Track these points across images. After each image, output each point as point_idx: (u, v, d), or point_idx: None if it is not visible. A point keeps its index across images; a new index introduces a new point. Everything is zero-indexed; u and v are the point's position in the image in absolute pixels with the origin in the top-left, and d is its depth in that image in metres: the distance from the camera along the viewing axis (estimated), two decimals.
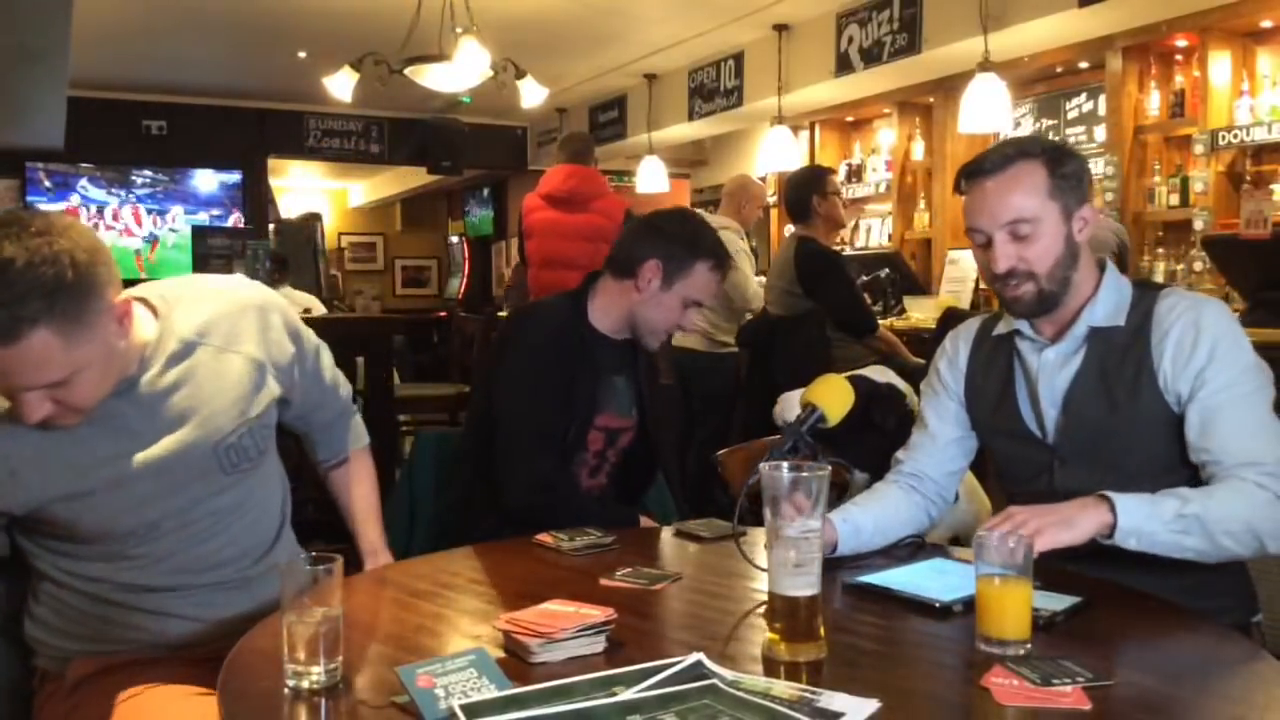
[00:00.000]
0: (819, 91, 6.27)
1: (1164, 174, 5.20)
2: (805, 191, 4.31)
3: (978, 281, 5.20)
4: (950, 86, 5.77)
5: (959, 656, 1.31)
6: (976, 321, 1.91)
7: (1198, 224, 4.83)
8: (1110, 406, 1.67)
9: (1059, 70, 5.76)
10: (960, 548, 1.84)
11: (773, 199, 6.98)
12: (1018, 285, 1.69)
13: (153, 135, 8.40)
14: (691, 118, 7.29)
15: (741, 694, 1.13)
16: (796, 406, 1.77)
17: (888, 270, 5.39)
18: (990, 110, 4.84)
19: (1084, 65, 5.60)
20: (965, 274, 5.37)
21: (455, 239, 11.72)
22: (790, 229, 4.64)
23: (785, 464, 1.28)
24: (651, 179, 7.47)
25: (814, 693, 1.14)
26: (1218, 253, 3.94)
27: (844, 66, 5.84)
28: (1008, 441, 1.81)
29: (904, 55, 5.39)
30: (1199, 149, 4.86)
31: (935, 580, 1.54)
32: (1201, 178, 4.87)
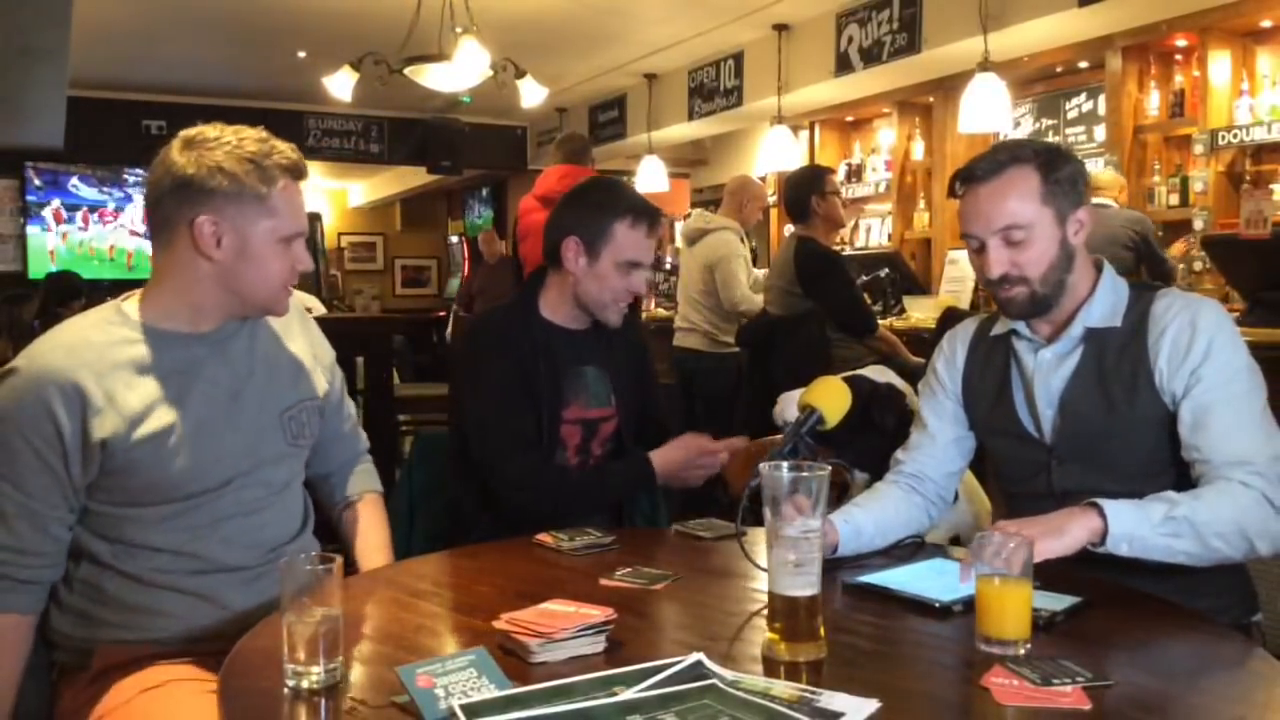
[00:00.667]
0: (819, 91, 6.27)
1: (1164, 174, 5.20)
2: (804, 191, 4.30)
3: (977, 281, 5.19)
4: (950, 86, 5.77)
5: (959, 656, 1.31)
6: (974, 322, 1.91)
7: (1197, 224, 4.83)
8: (1107, 407, 1.67)
9: (1059, 70, 5.76)
10: (960, 548, 1.84)
11: (772, 199, 6.97)
12: (1011, 289, 1.69)
13: (153, 135, 8.40)
14: (691, 117, 7.30)
15: (741, 694, 1.13)
16: (795, 407, 1.77)
17: (887, 270, 5.37)
18: (990, 110, 4.84)
19: (1084, 65, 5.61)
20: (965, 274, 5.36)
21: (455, 239, 11.72)
22: (790, 229, 4.63)
23: (785, 464, 1.28)
24: (651, 179, 7.46)
25: (814, 693, 1.14)
26: (1217, 253, 3.93)
27: (844, 66, 5.84)
28: (1005, 441, 1.81)
29: (904, 55, 5.39)
30: (1199, 149, 4.86)
31: (935, 580, 1.54)
32: (1201, 177, 4.88)
